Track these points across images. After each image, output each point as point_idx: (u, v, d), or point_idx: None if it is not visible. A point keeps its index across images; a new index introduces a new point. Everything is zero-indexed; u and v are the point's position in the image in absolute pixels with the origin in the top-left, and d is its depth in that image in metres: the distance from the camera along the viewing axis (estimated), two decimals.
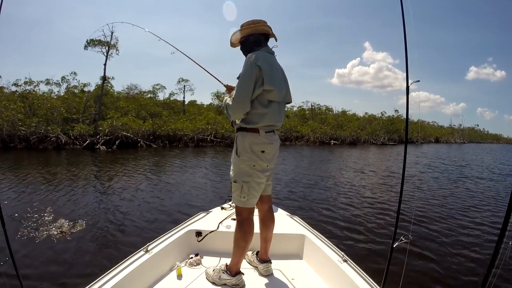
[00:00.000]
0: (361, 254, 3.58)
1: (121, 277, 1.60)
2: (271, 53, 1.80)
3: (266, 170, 1.76)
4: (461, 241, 4.21)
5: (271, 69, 1.67)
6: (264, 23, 1.80)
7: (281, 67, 1.84)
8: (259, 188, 1.77)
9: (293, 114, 38.15)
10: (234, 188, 1.76)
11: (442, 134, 61.62)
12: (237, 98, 1.65)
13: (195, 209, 4.90)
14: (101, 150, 16.61)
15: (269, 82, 1.64)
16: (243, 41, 1.83)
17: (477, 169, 14.16)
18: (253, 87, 1.64)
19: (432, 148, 34.57)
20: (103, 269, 1.72)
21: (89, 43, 21.43)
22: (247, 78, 1.63)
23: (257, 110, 1.69)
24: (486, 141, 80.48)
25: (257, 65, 1.62)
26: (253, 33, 1.79)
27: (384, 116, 43.26)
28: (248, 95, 1.64)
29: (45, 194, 6.01)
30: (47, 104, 18.62)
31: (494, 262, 1.28)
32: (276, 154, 1.85)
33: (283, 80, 1.81)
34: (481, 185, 9.42)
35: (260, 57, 1.65)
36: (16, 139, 16.46)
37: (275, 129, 1.80)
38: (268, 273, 1.95)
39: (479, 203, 6.68)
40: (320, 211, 5.51)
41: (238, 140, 1.75)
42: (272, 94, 1.69)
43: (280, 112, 1.79)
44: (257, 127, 1.70)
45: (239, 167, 1.74)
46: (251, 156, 1.71)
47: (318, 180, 9.15)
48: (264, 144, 1.71)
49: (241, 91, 1.64)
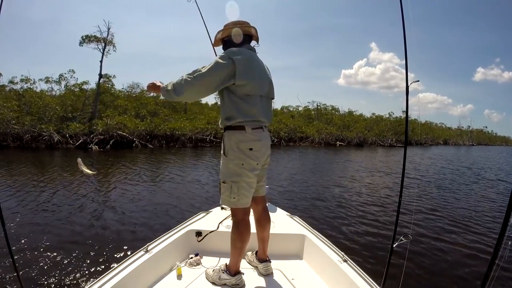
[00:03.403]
0: (361, 254, 3.67)
1: (121, 277, 1.64)
2: (251, 50, 1.85)
3: (255, 168, 1.78)
4: (461, 241, 4.31)
5: (246, 63, 1.70)
6: (248, 24, 1.85)
7: (263, 63, 1.89)
8: (250, 187, 1.79)
9: (299, 114, 38.17)
10: (223, 189, 1.78)
11: (451, 136, 61.54)
12: (199, 78, 1.65)
13: (195, 209, 5.00)
14: (93, 150, 16.61)
15: (242, 77, 1.67)
16: (226, 41, 1.87)
17: (480, 170, 14.28)
18: (219, 77, 1.66)
19: (441, 150, 34.49)
20: (103, 269, 1.79)
21: (84, 40, 21.62)
22: (216, 67, 1.66)
23: (239, 105, 1.72)
24: (494, 144, 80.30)
25: (230, 58, 1.66)
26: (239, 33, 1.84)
27: (392, 116, 43.20)
28: (209, 82, 1.66)
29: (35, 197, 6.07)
30: (40, 102, 18.78)
31: (494, 261, 1.35)
32: (267, 152, 1.86)
33: (264, 75, 1.83)
34: (482, 185, 9.60)
35: (237, 52, 1.69)
36: (9, 137, 16.61)
37: (264, 125, 1.82)
38: (268, 273, 2.01)
39: (479, 203, 6.81)
40: (321, 211, 5.62)
41: (225, 139, 1.78)
42: (247, 88, 1.71)
43: (264, 106, 1.81)
44: (242, 124, 1.72)
45: (227, 166, 1.76)
46: (238, 155, 1.73)
47: (319, 180, 9.26)
48: (252, 141, 1.73)
49: (206, 74, 1.65)
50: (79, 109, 20.67)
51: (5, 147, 16.06)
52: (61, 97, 21.16)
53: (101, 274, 1.66)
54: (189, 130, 21.55)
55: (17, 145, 16.60)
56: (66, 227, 4.34)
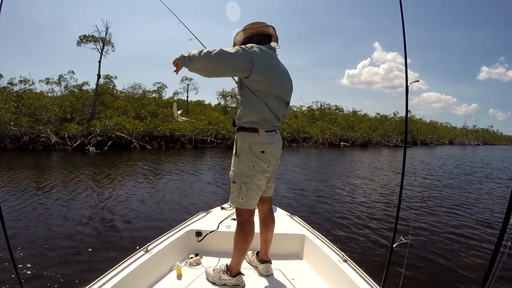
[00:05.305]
0: (361, 254, 3.71)
1: (121, 277, 1.67)
2: (272, 49, 1.87)
3: (266, 171, 1.81)
4: (461, 241, 4.35)
5: (263, 59, 1.72)
6: (266, 25, 1.89)
7: (283, 65, 1.92)
8: (259, 189, 1.82)
9: (302, 114, 38.10)
10: (233, 189, 1.81)
11: (456, 135, 61.41)
12: (217, 55, 1.60)
13: (195, 209, 5.05)
14: (91, 151, 16.59)
15: (257, 71, 1.68)
16: (246, 42, 1.89)
17: (480, 170, 14.34)
18: (235, 63, 1.65)
19: (446, 150, 34.38)
20: (103, 269, 1.82)
21: (82, 39, 21.71)
22: (236, 53, 1.64)
23: (254, 104, 1.74)
24: (500, 143, 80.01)
25: (251, 50, 1.68)
26: (256, 34, 1.88)
27: (397, 116, 43.04)
28: (224, 63, 1.64)
29: (34, 197, 6.14)
30: (36, 103, 18.86)
31: (494, 261, 1.37)
32: (278, 155, 1.90)
33: (281, 76, 1.84)
34: (482, 185, 9.62)
35: (257, 47, 1.72)
36: (6, 139, 16.72)
37: (276, 128, 1.85)
38: (268, 273, 2.04)
39: (480, 203, 6.85)
40: (321, 211, 5.67)
41: (237, 140, 1.81)
42: (261, 84, 1.73)
43: (277, 108, 1.83)
44: (256, 126, 1.76)
45: (238, 167, 1.79)
46: (250, 157, 1.75)
47: (320, 180, 9.32)
48: (264, 144, 1.76)
49: (225, 54, 1.62)
50: (79, 110, 20.74)
51: (3, 149, 16.17)
52: (60, 98, 21.25)
53: (101, 274, 1.68)
54: (189, 131, 21.46)
55: (14, 146, 16.70)
56: (66, 228, 4.39)
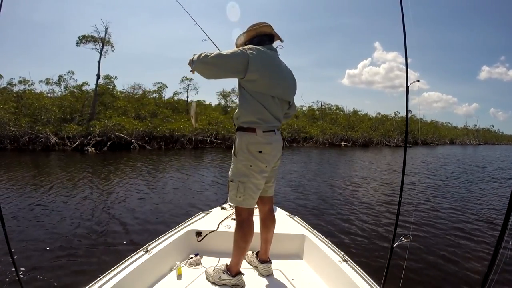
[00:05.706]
0: (361, 254, 3.72)
1: (121, 277, 1.68)
2: (272, 50, 1.89)
3: (264, 171, 1.82)
4: (461, 240, 4.36)
5: (260, 60, 1.72)
6: (267, 25, 1.90)
7: (285, 65, 1.93)
8: (257, 189, 1.83)
9: (303, 114, 38.12)
10: (231, 187, 1.85)
11: (457, 135, 61.41)
12: (214, 56, 1.66)
13: (195, 209, 5.08)
14: (90, 152, 16.58)
15: (252, 71, 1.69)
16: (247, 44, 1.90)
17: (482, 169, 14.38)
18: (230, 64, 1.69)
19: (447, 150, 34.37)
20: (103, 269, 1.83)
21: (81, 40, 21.72)
22: (232, 54, 1.68)
23: (251, 104, 1.76)
24: (501, 143, 79.99)
25: (246, 51, 1.70)
26: (257, 35, 1.89)
27: (398, 116, 43.01)
28: (221, 64, 1.68)
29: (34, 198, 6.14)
30: (36, 104, 18.88)
31: (494, 261, 1.38)
32: (278, 155, 1.91)
33: (280, 76, 1.84)
34: (483, 185, 9.64)
35: (254, 48, 1.74)
36: (6, 140, 16.73)
37: (276, 128, 1.85)
38: (268, 273, 2.05)
39: (480, 203, 6.86)
40: (321, 211, 5.69)
41: (236, 139, 1.84)
42: (257, 85, 1.75)
43: (278, 109, 1.84)
44: (253, 126, 1.77)
45: (236, 166, 1.82)
46: (247, 156, 1.78)
47: (320, 180, 9.35)
48: (262, 144, 1.77)
49: (221, 56, 1.67)
50: (78, 111, 20.77)
51: (2, 149, 16.19)
52: (59, 98, 21.27)
53: (101, 274, 1.69)
54: (189, 131, 21.45)
55: (14, 147, 16.72)
56: (65, 228, 4.40)
